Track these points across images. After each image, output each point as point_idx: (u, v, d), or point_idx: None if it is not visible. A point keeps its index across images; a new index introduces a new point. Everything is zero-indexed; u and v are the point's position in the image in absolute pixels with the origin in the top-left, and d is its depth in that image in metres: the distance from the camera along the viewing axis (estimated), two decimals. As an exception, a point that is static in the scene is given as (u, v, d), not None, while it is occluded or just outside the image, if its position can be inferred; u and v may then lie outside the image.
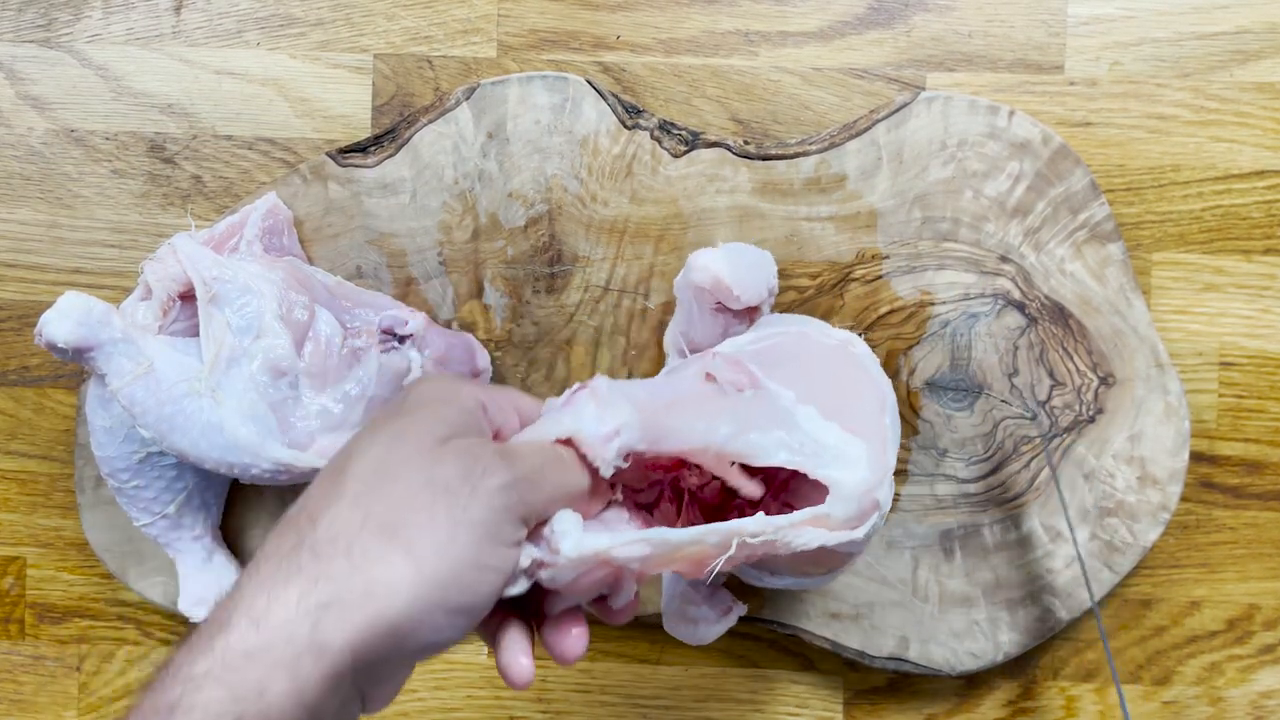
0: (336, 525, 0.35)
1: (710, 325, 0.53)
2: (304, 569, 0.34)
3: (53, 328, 0.51)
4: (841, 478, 0.44)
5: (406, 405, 0.40)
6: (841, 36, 0.61)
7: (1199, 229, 0.60)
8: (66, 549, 0.63)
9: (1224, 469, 0.61)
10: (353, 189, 0.59)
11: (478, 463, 0.37)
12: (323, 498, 0.36)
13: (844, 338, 0.52)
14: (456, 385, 0.41)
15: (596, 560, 0.40)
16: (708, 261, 0.52)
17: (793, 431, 0.45)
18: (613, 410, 0.41)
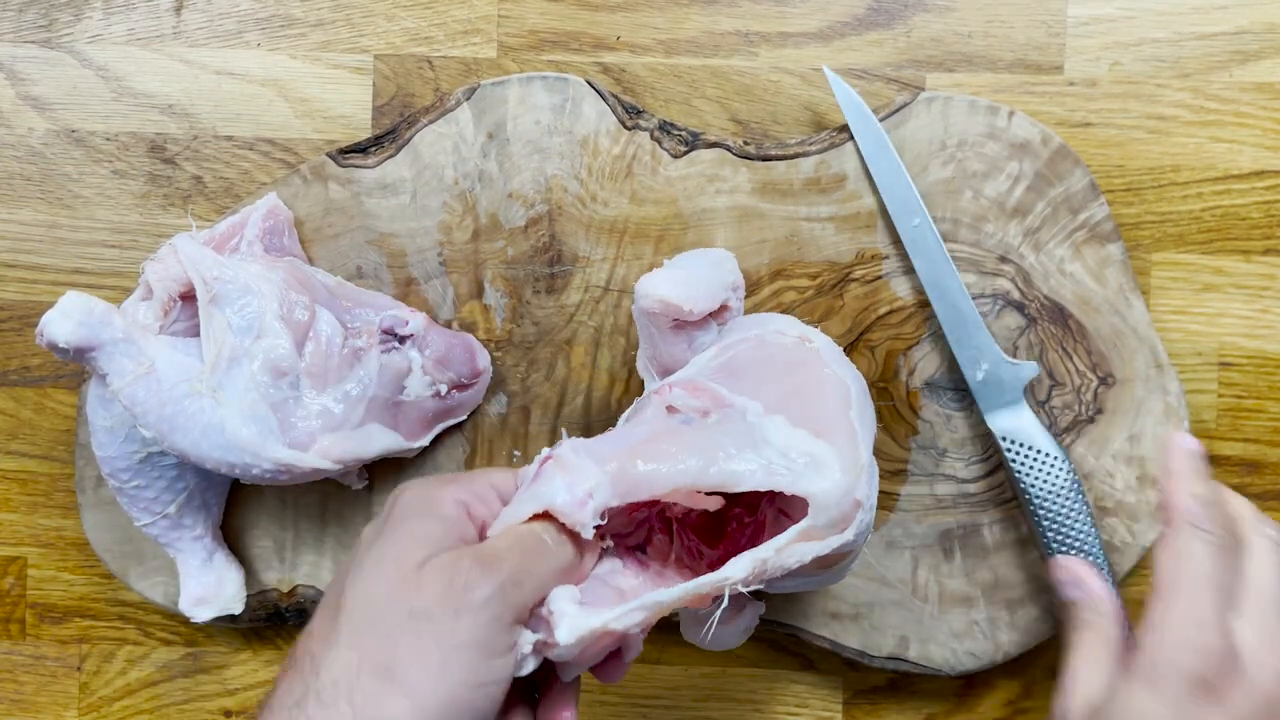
0: (336, 669, 0.36)
1: (673, 344, 0.53)
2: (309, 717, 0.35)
3: (54, 328, 0.51)
4: (817, 489, 0.44)
5: (389, 523, 0.41)
6: (841, 37, 0.61)
7: (1198, 229, 0.60)
8: (67, 549, 0.64)
9: (1223, 469, 0.61)
10: (353, 189, 0.59)
11: (457, 580, 0.38)
12: (322, 638, 0.37)
13: (800, 333, 0.52)
14: (435, 493, 0.42)
15: (596, 636, 0.40)
16: (650, 288, 0.51)
17: (762, 450, 0.45)
18: (580, 475, 0.42)
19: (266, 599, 0.62)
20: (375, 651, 0.36)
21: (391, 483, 0.61)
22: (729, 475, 0.44)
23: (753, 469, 0.44)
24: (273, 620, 0.62)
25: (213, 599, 0.59)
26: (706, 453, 0.44)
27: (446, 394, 0.58)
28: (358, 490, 0.61)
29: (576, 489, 0.42)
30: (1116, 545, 0.59)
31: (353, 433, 0.54)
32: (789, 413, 0.46)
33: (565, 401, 0.60)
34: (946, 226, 0.59)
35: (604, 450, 0.44)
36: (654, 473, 0.43)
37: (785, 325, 0.52)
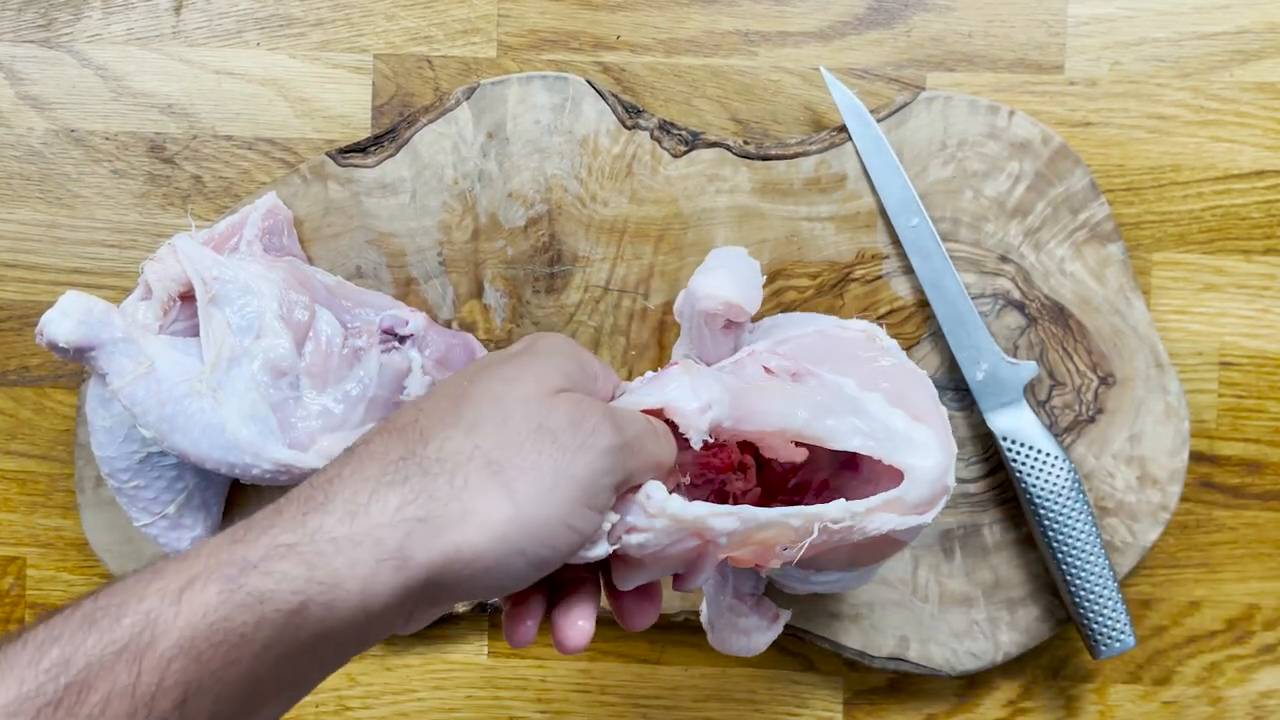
0: (447, 449, 0.36)
1: (722, 344, 0.53)
2: (409, 480, 0.35)
3: (54, 327, 0.51)
4: (916, 463, 0.45)
5: (530, 349, 0.41)
6: (841, 36, 0.61)
7: (1199, 229, 0.60)
8: (67, 549, 0.63)
9: (1224, 469, 0.61)
10: (353, 189, 0.59)
11: (587, 419, 0.38)
12: (438, 419, 0.37)
13: (864, 327, 0.52)
14: (577, 345, 0.43)
15: (693, 527, 0.40)
16: (714, 289, 0.51)
17: (865, 418, 0.46)
18: (705, 384, 0.43)
19: (266, 599, 0.61)
20: (492, 448, 0.36)
21: (391, 483, 0.61)
22: (834, 431, 0.45)
23: (855, 430, 0.45)
24: (272, 620, 0.62)
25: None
26: (815, 407, 0.45)
27: (446, 394, 0.58)
28: (357, 490, 0.60)
29: (700, 395, 0.42)
30: (1117, 545, 0.59)
31: (353, 433, 0.54)
32: (884, 393, 0.47)
33: (565, 401, 0.60)
34: (947, 226, 0.59)
35: (724, 376, 0.45)
36: (768, 408, 0.44)
37: (840, 321, 0.53)
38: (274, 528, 0.33)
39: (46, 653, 0.30)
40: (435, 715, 0.63)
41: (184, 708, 0.31)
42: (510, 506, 0.35)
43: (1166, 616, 0.62)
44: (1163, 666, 0.62)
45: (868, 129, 0.58)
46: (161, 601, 0.31)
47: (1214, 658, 0.62)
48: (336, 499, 0.34)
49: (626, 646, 0.63)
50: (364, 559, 0.33)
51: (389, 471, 0.35)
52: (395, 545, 0.33)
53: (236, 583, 0.32)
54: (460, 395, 0.38)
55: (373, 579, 0.33)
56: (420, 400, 0.39)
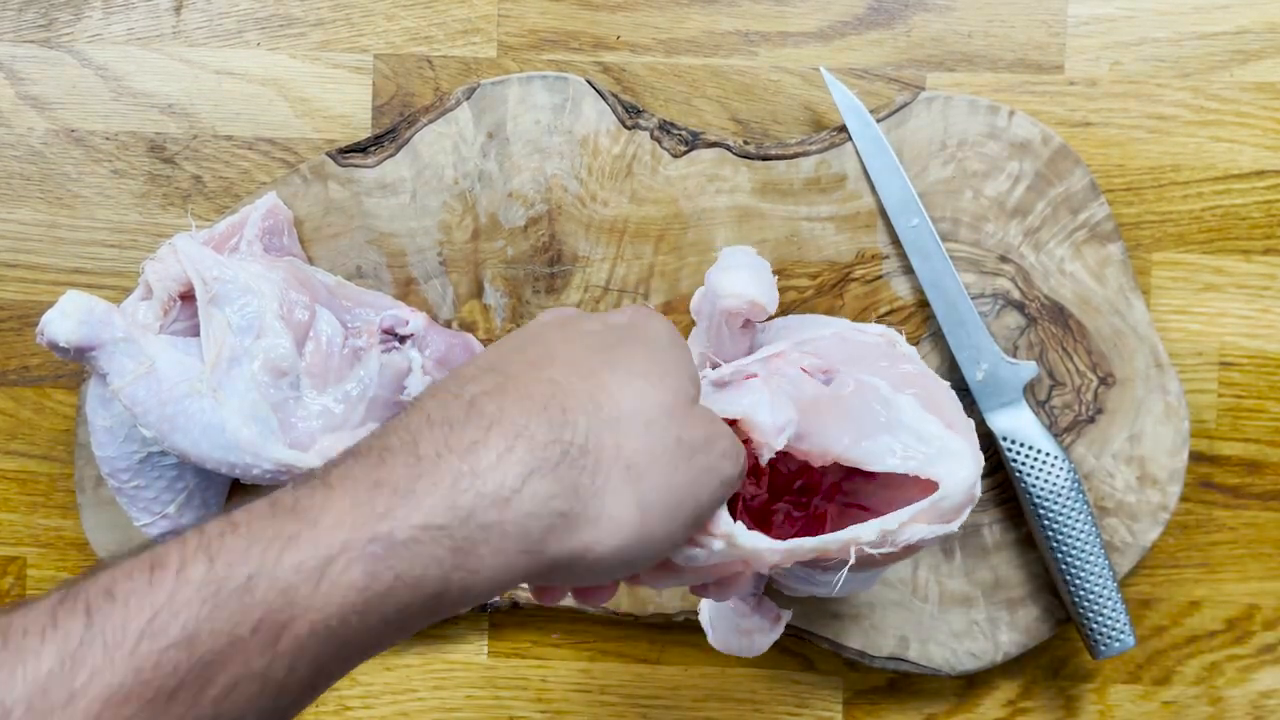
0: (593, 441, 0.35)
1: (739, 343, 0.53)
2: (558, 470, 0.34)
3: (55, 327, 0.51)
4: (950, 474, 0.45)
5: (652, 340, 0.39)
6: (841, 36, 0.61)
7: (1199, 229, 0.60)
8: (67, 549, 0.63)
9: (1224, 469, 0.61)
10: (353, 189, 0.59)
11: (719, 443, 0.38)
12: (579, 402, 0.36)
13: (882, 331, 0.52)
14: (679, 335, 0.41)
15: (747, 555, 0.41)
16: (738, 288, 0.51)
17: (898, 433, 0.46)
18: (783, 404, 0.43)
19: (266, 599, 0.61)
20: (634, 451, 0.35)
21: (391, 482, 0.61)
22: (870, 455, 0.45)
23: (889, 451, 0.45)
24: (272, 620, 0.62)
25: (212, 599, 0.59)
26: (855, 429, 0.45)
27: (446, 394, 0.58)
28: (357, 490, 0.60)
29: (779, 414, 0.42)
30: (1117, 545, 0.59)
31: (353, 433, 0.54)
32: (919, 399, 0.47)
33: (565, 401, 0.60)
34: (946, 226, 0.59)
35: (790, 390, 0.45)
36: (819, 432, 0.45)
37: (856, 325, 0.53)
38: (418, 498, 0.32)
39: (165, 629, 0.28)
40: (435, 715, 0.63)
41: (312, 690, 0.30)
42: (639, 516, 0.35)
43: (1166, 616, 0.62)
44: (1162, 666, 0.62)
45: (868, 129, 0.58)
46: (298, 577, 0.29)
47: (1214, 658, 0.62)
48: (488, 478, 0.32)
49: (626, 646, 0.63)
50: (509, 549, 0.33)
51: (538, 456, 0.33)
52: (539, 537, 0.33)
53: (384, 563, 0.30)
54: (597, 383, 0.36)
55: (510, 566, 0.33)
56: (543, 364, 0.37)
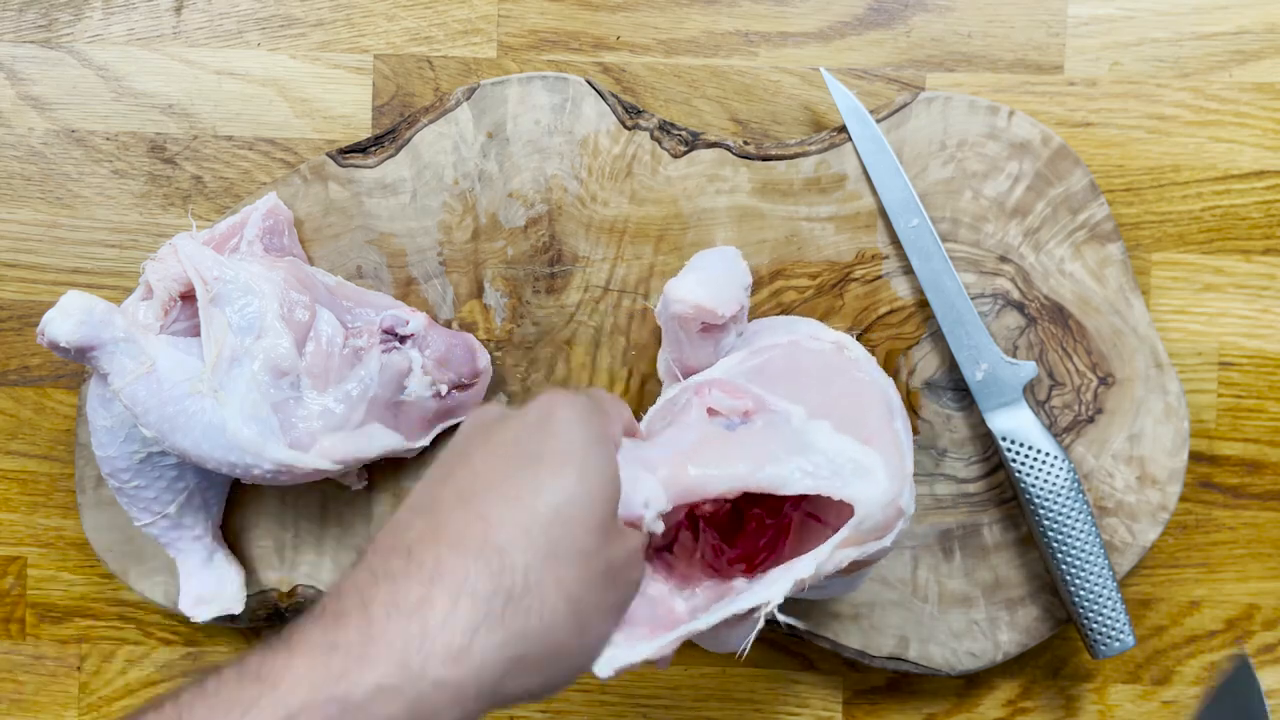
0: (532, 579, 0.36)
1: (701, 347, 0.53)
2: (505, 619, 0.35)
3: (55, 327, 0.51)
4: (864, 494, 0.45)
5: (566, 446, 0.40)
6: (841, 37, 0.61)
7: (1198, 229, 0.60)
8: (67, 549, 0.64)
9: (1223, 469, 0.61)
10: (353, 189, 0.59)
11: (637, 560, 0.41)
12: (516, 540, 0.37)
13: (836, 339, 0.52)
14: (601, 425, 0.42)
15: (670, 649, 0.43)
16: (683, 293, 0.51)
17: (809, 455, 0.46)
18: (635, 485, 0.43)
19: (266, 599, 0.62)
20: (572, 583, 0.37)
21: (392, 483, 0.61)
22: (777, 479, 0.45)
23: (800, 474, 0.45)
24: (273, 620, 0.62)
25: (213, 599, 0.59)
26: (755, 457, 0.45)
27: (447, 394, 0.58)
28: (357, 490, 0.61)
29: (633, 501, 0.42)
30: (1116, 545, 0.59)
31: (354, 433, 0.54)
32: (833, 419, 0.47)
33: (565, 401, 0.60)
34: (946, 226, 0.59)
35: (653, 456, 0.45)
36: (705, 477, 0.44)
37: (817, 330, 0.53)
38: (371, 660, 0.33)
39: None
40: (435, 715, 0.63)
41: None
42: (580, 642, 0.38)
43: (1166, 616, 0.62)
44: (1162, 666, 0.62)
45: (867, 129, 0.58)
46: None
47: (1213, 658, 0.62)
48: (437, 638, 0.34)
49: (626, 646, 0.63)
50: (466, 698, 0.34)
51: (483, 609, 0.35)
52: (493, 683, 0.35)
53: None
54: (526, 509, 0.38)
55: (467, 714, 0.35)
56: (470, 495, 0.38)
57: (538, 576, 0.36)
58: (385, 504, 0.61)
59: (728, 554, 0.52)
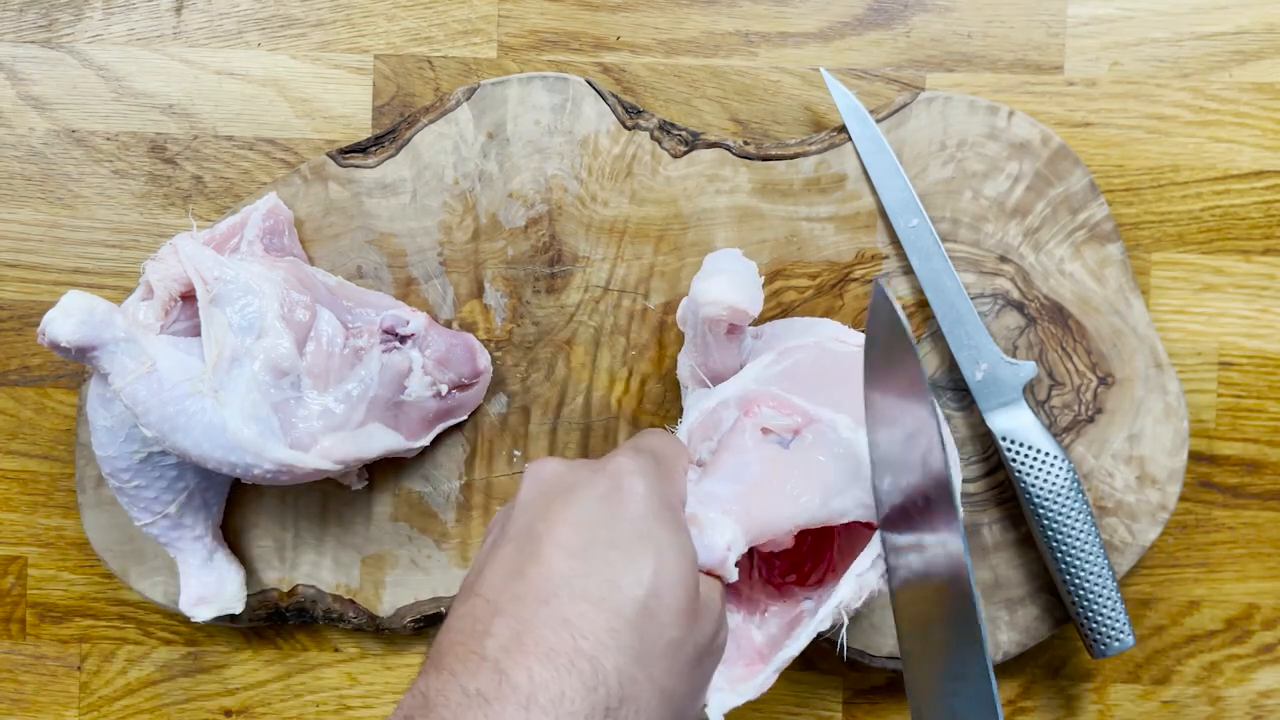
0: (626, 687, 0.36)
1: (727, 350, 0.52)
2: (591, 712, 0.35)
3: (56, 326, 0.51)
4: None
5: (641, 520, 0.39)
6: (841, 37, 0.61)
7: (1198, 229, 0.60)
8: (67, 548, 0.64)
9: (1223, 469, 0.61)
10: (353, 189, 0.59)
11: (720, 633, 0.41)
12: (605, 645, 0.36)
13: (860, 341, 0.52)
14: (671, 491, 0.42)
15: None
16: (716, 294, 0.50)
17: (864, 485, 0.47)
18: (715, 531, 0.43)
19: (267, 598, 0.62)
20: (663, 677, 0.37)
21: (392, 483, 0.61)
22: (838, 512, 0.46)
23: (858, 504, 0.47)
24: (273, 620, 0.62)
25: (213, 598, 0.59)
26: (821, 492, 0.46)
27: (447, 394, 0.58)
28: (358, 490, 0.61)
29: (716, 549, 0.42)
30: (1116, 545, 0.59)
31: (354, 433, 0.54)
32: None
33: (565, 401, 0.60)
34: (946, 226, 0.59)
35: (724, 493, 0.45)
36: (777, 514, 0.45)
37: (840, 333, 0.53)
38: None
39: None
40: (435, 715, 0.63)
41: None
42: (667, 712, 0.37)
43: (1166, 616, 0.62)
44: (1162, 666, 0.62)
45: (867, 129, 0.58)
46: None
47: (1213, 657, 0.62)
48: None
49: (626, 646, 0.63)
50: None
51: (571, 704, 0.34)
52: None
53: None
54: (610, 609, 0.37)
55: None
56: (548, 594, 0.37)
57: (630, 679, 0.35)
58: (386, 504, 0.61)
59: (778, 566, 0.53)
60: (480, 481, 0.61)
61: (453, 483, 0.61)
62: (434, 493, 0.61)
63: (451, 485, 0.61)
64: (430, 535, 0.61)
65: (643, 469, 0.41)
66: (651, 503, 0.40)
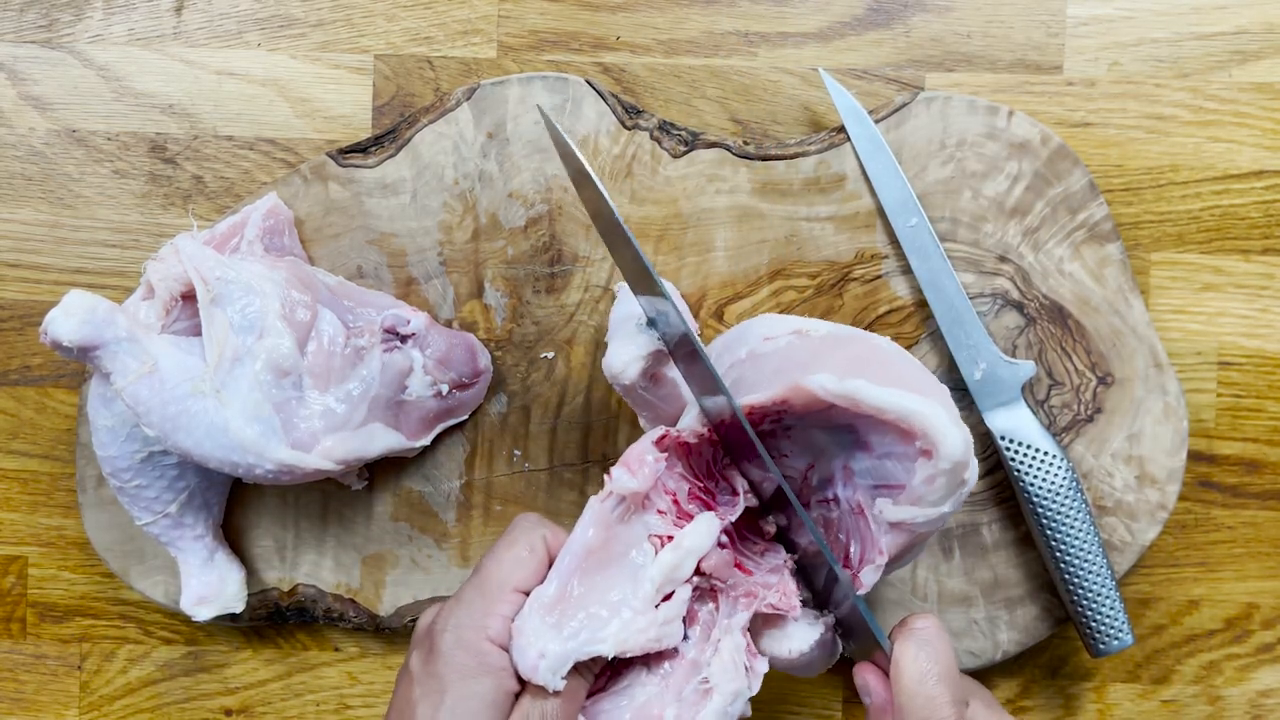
0: None
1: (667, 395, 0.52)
2: None
3: (58, 326, 0.51)
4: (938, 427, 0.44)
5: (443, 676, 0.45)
6: (841, 37, 0.61)
7: (1197, 229, 0.61)
8: (68, 548, 0.64)
9: (1222, 468, 0.61)
10: (353, 189, 0.59)
11: None
12: None
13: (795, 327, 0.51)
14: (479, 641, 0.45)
15: None
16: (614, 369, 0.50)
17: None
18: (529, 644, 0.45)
19: (267, 598, 0.62)
20: None
21: (392, 482, 0.61)
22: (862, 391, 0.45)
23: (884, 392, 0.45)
24: (273, 619, 0.62)
25: (214, 598, 0.59)
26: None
27: (448, 393, 0.58)
28: (358, 490, 0.61)
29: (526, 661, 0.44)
30: (1115, 544, 0.59)
31: (355, 432, 0.55)
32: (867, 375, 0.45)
33: (565, 401, 0.60)
34: (945, 226, 0.59)
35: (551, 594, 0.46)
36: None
37: (768, 328, 0.51)
38: None
39: None
40: (436, 714, 0.63)
41: None
42: None
43: (1165, 615, 0.62)
44: (1161, 665, 0.62)
45: (866, 129, 0.58)
46: None
47: (1212, 657, 0.62)
48: None
49: (626, 645, 0.63)
50: None
51: None
52: None
53: None
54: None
55: None
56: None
57: None
58: (386, 503, 0.61)
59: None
60: (480, 481, 0.61)
61: (453, 482, 0.61)
62: (434, 492, 0.61)
63: (452, 485, 0.61)
64: (431, 535, 0.61)
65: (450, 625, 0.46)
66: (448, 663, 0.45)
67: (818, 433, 0.49)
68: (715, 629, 0.49)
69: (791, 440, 0.50)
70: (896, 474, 0.46)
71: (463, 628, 0.46)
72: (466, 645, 0.45)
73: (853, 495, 0.49)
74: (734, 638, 0.48)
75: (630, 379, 0.50)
